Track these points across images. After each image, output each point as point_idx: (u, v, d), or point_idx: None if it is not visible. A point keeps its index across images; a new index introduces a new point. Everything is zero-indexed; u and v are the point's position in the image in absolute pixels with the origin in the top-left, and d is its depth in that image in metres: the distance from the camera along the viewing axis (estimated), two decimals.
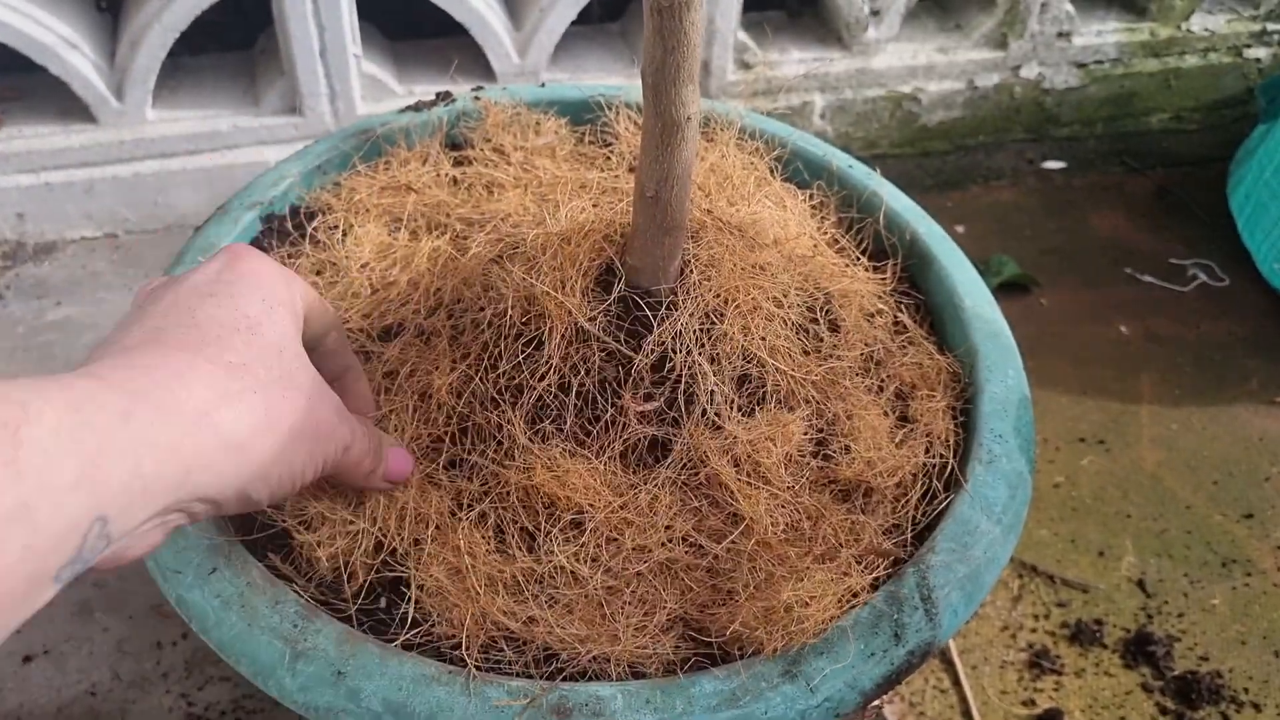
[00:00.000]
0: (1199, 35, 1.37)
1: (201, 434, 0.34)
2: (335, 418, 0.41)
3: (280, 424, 0.37)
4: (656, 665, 0.44)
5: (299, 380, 0.40)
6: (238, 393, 0.36)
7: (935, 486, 0.52)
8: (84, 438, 0.29)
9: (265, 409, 0.37)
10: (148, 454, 0.31)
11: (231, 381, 0.36)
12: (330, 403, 0.42)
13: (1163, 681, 0.80)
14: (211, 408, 0.35)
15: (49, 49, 1.00)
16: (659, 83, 0.43)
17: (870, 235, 0.66)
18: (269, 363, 0.38)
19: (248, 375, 0.37)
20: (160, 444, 0.32)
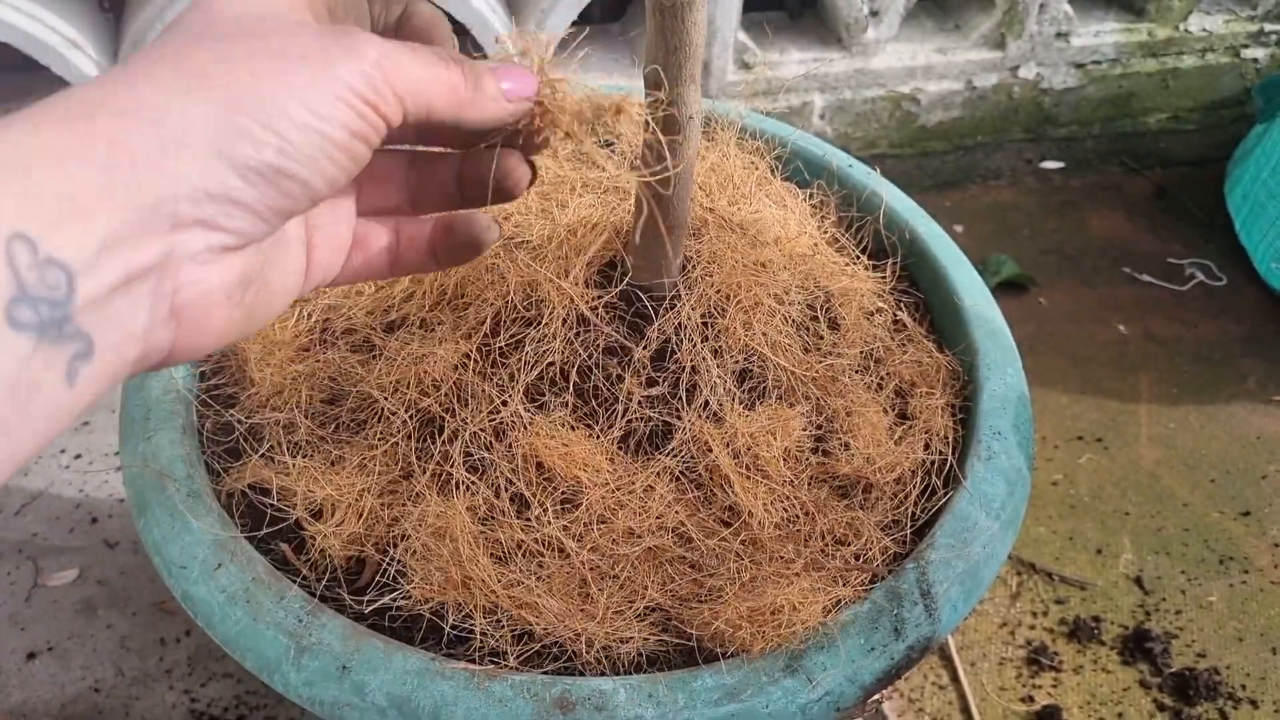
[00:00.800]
0: (1197, 36, 1.38)
1: (93, 125, 0.27)
2: (320, 41, 0.31)
3: (208, 70, 0.29)
4: (630, 652, 0.45)
5: (233, 32, 0.31)
6: (129, 76, 0.29)
7: (934, 483, 0.52)
8: None
9: (174, 66, 0.29)
10: (38, 164, 0.26)
11: (121, 71, 0.29)
12: (307, 30, 0.32)
13: (1160, 678, 0.80)
14: (97, 94, 0.28)
15: (52, 49, 1.01)
16: (660, 83, 0.43)
17: (870, 234, 0.66)
18: (179, 36, 0.31)
19: (142, 59, 0.30)
20: (48, 150, 0.26)
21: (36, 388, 0.25)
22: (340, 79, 0.30)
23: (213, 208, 0.28)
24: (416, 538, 0.47)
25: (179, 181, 0.28)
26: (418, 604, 0.46)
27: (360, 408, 0.52)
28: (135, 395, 0.53)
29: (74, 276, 0.26)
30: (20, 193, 0.25)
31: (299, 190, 0.30)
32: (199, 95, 0.28)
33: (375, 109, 0.31)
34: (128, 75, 0.28)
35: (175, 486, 0.48)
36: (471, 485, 0.48)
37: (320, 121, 0.30)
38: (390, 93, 0.32)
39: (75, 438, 0.93)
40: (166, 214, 0.28)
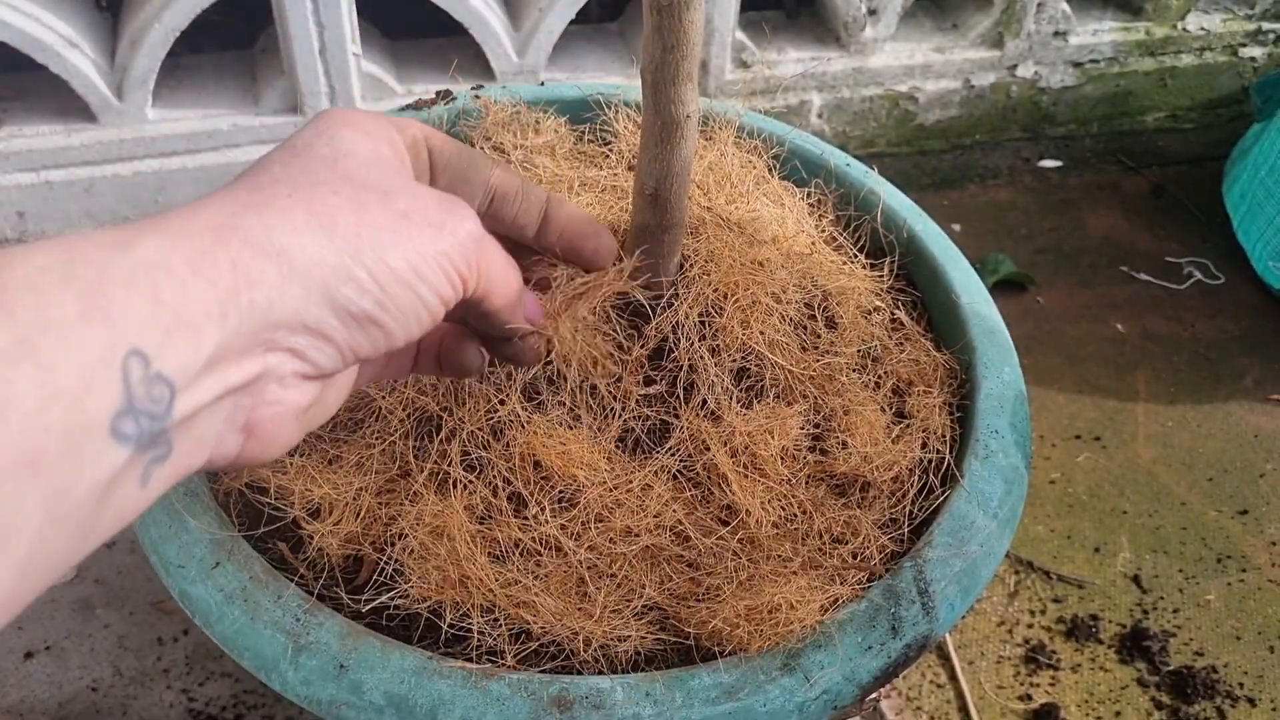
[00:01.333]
0: (1195, 34, 1.38)
1: (224, 248, 0.28)
2: (438, 209, 0.34)
3: (334, 219, 0.31)
4: (628, 651, 0.45)
5: (361, 180, 0.33)
6: (262, 202, 0.30)
7: (932, 481, 0.52)
8: (76, 274, 0.26)
9: (306, 207, 0.31)
10: (164, 279, 0.27)
11: (254, 195, 0.31)
12: (428, 196, 0.34)
13: (1158, 676, 0.80)
14: (227, 219, 0.29)
15: (49, 48, 1.01)
16: (658, 81, 0.43)
17: (867, 233, 0.66)
18: (311, 170, 0.33)
19: (276, 186, 0.31)
20: (175, 266, 0.27)
21: (117, 490, 0.26)
22: (444, 249, 0.33)
23: (307, 340, 0.30)
24: (414, 536, 0.47)
25: (286, 312, 0.29)
26: (415, 603, 0.46)
27: (358, 406, 0.52)
28: None
29: (176, 393, 0.27)
30: (144, 308, 0.26)
31: (382, 339, 0.32)
32: (324, 238, 0.30)
33: (463, 281, 0.34)
34: (261, 202, 0.30)
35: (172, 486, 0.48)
36: (469, 484, 0.48)
37: (419, 282, 0.32)
38: (476, 273, 0.35)
39: None
40: (265, 339, 0.29)
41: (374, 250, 0.31)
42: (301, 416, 0.33)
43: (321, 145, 0.34)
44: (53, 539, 0.25)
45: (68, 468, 0.24)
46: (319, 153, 0.33)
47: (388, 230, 0.32)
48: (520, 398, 0.49)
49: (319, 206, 0.31)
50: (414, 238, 0.32)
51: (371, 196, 0.32)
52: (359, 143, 0.34)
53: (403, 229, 0.32)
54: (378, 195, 0.33)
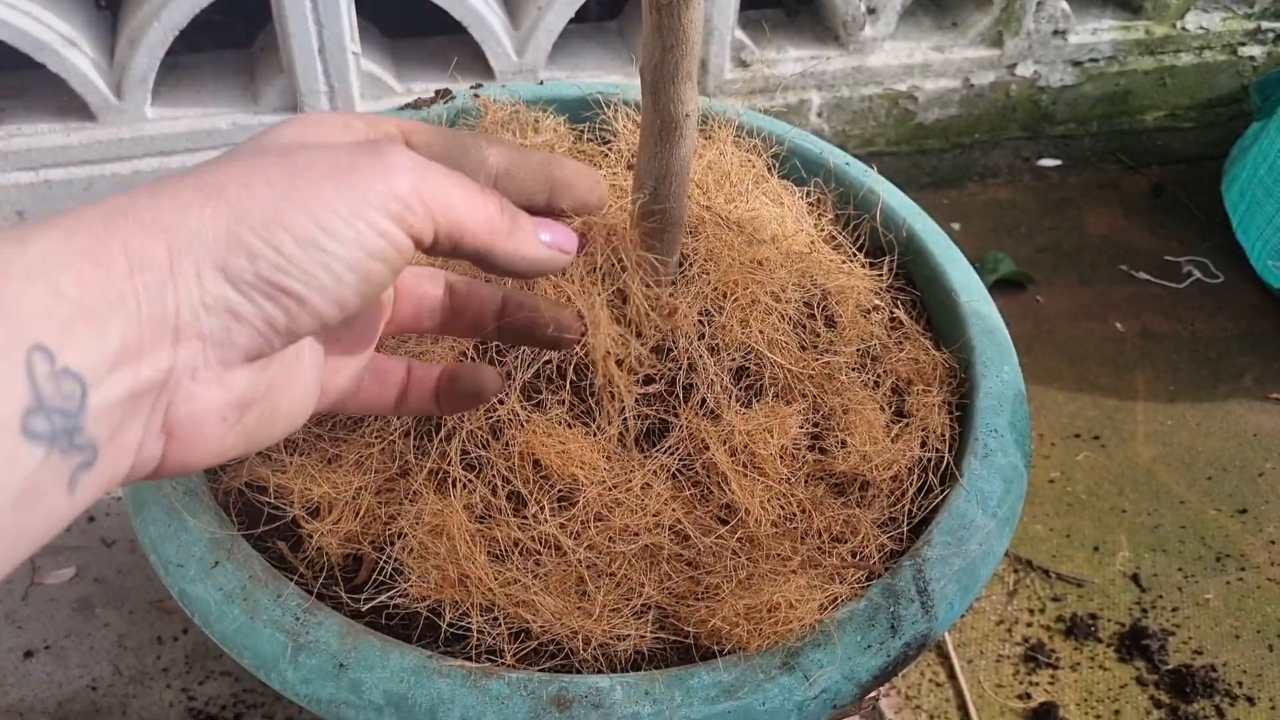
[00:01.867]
0: (1194, 33, 1.38)
1: (115, 233, 0.27)
2: (348, 154, 0.30)
3: (221, 189, 0.28)
4: (627, 650, 0.45)
5: (269, 153, 0.30)
6: (156, 188, 0.28)
7: (931, 480, 0.52)
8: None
9: (194, 183, 0.28)
10: (60, 272, 0.26)
11: (152, 185, 0.29)
12: (338, 147, 0.31)
13: (1157, 675, 0.80)
14: (120, 206, 0.27)
15: (48, 46, 1.01)
16: (657, 80, 0.43)
17: (867, 232, 0.66)
18: (226, 157, 0.30)
19: (179, 175, 0.29)
20: (71, 258, 0.26)
21: (41, 496, 0.25)
22: (363, 193, 0.29)
23: (212, 320, 0.28)
24: (413, 536, 0.47)
25: (182, 293, 0.27)
26: (415, 602, 0.46)
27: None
28: None
29: (87, 388, 0.25)
30: (42, 301, 0.25)
31: (298, 309, 0.29)
32: (209, 208, 0.28)
33: (405, 226, 0.30)
34: (154, 189, 0.28)
35: (172, 484, 0.48)
36: (468, 483, 0.48)
37: (331, 239, 0.29)
38: (422, 209, 0.30)
39: None
40: (170, 327, 0.27)
41: (264, 213, 0.28)
42: (231, 417, 0.30)
43: (261, 138, 0.32)
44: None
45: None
46: (250, 144, 0.31)
47: (281, 186, 0.28)
48: (520, 397, 0.49)
49: (208, 178, 0.28)
50: (317, 188, 0.29)
51: (268, 161, 0.29)
52: (310, 134, 0.32)
53: (301, 182, 0.29)
54: (275, 159, 0.29)
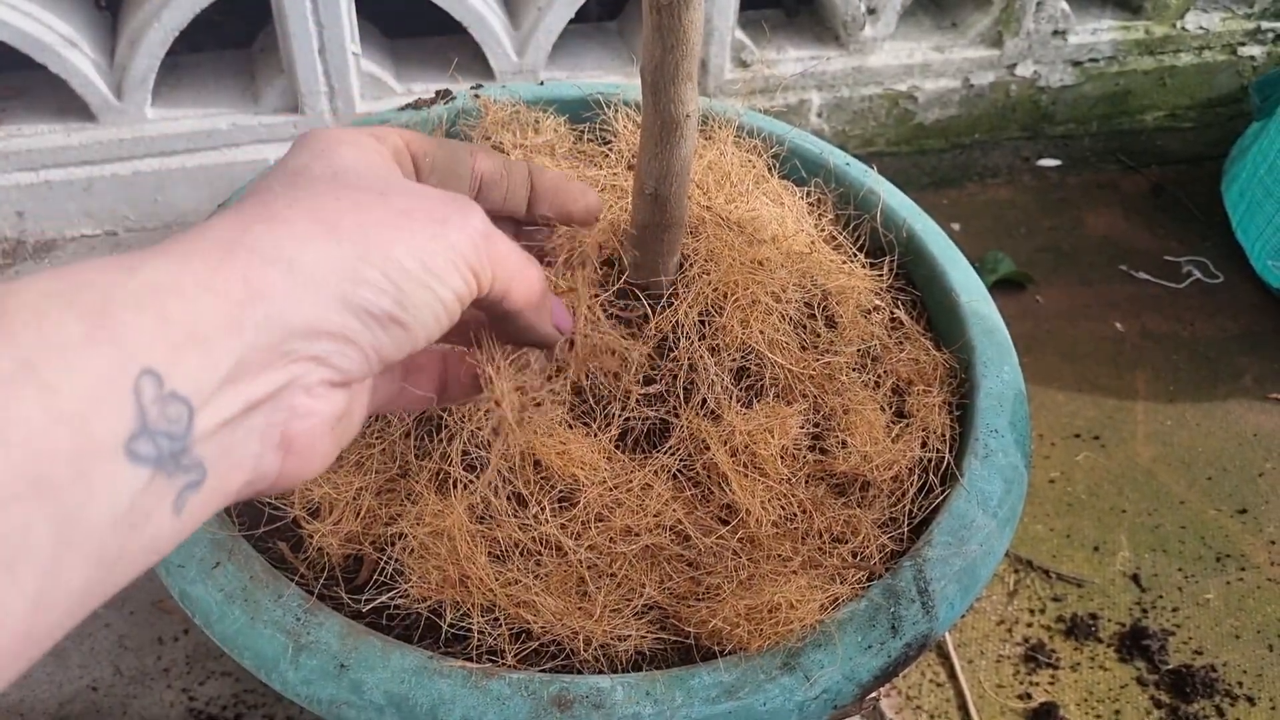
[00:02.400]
0: (1194, 33, 1.38)
1: (233, 261, 0.28)
2: (441, 206, 0.34)
3: (337, 222, 0.31)
4: (628, 650, 0.45)
5: (360, 186, 0.33)
6: (267, 215, 0.30)
7: (931, 481, 0.52)
8: (80, 297, 0.25)
9: (309, 215, 0.31)
10: (172, 298, 0.27)
11: (258, 210, 0.31)
12: (429, 193, 0.34)
13: (1158, 675, 0.80)
14: (234, 235, 0.29)
15: (48, 47, 1.01)
16: (658, 80, 0.43)
17: (867, 232, 0.66)
18: (310, 184, 0.33)
19: (277, 201, 0.32)
20: (184, 285, 0.27)
21: (145, 518, 0.25)
22: (453, 244, 0.33)
23: (329, 345, 0.30)
24: (414, 536, 0.47)
25: (298, 319, 0.29)
26: (415, 603, 0.46)
27: None
28: None
29: (194, 411, 0.26)
30: (154, 328, 0.26)
31: (404, 338, 0.32)
32: (330, 242, 0.30)
33: (475, 278, 0.34)
34: (266, 216, 0.30)
35: None
36: (469, 484, 0.48)
37: (432, 279, 0.32)
38: (489, 269, 0.34)
39: None
40: (284, 350, 0.29)
41: (381, 249, 0.31)
42: (337, 429, 0.32)
43: (316, 164, 0.34)
44: (70, 568, 0.24)
45: (79, 491, 0.24)
46: (315, 171, 0.34)
47: (391, 228, 0.32)
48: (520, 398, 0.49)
49: (321, 213, 0.31)
50: (418, 234, 0.32)
51: (371, 198, 0.33)
52: (350, 155, 0.35)
53: (406, 226, 0.32)
54: (376, 196, 0.33)
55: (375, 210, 0.32)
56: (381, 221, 0.32)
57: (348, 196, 0.32)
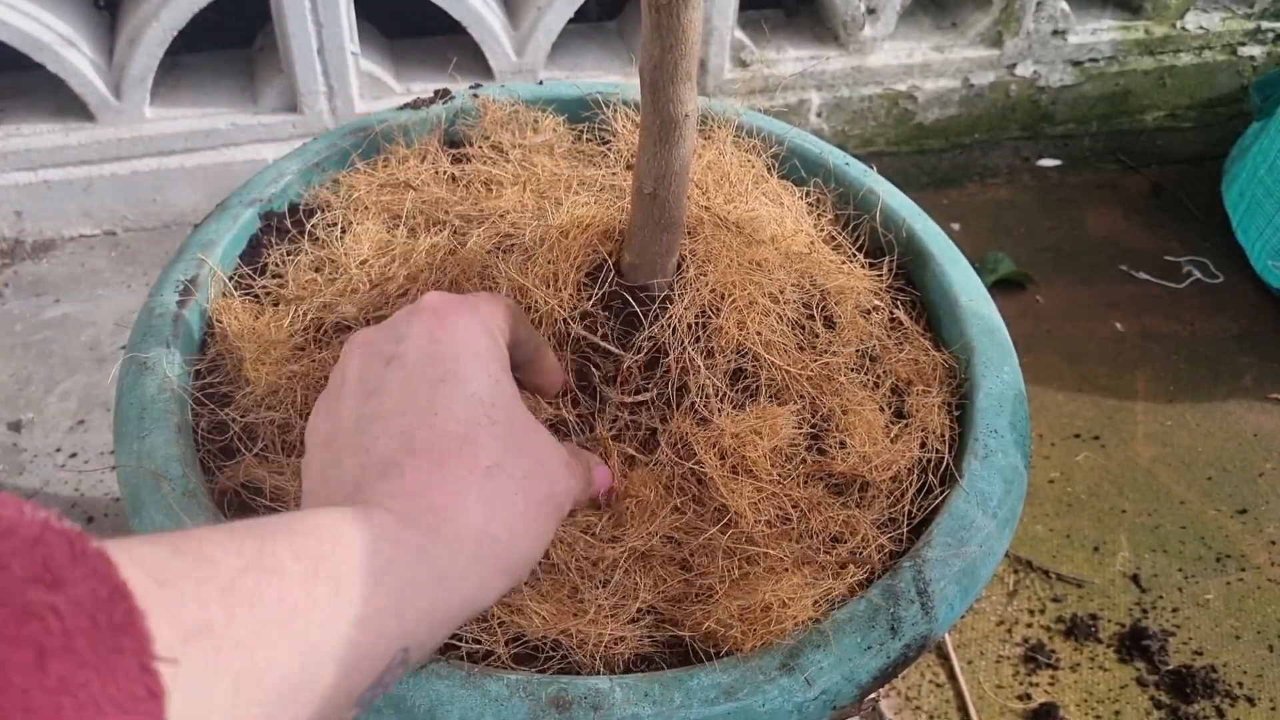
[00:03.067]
0: (1194, 33, 1.38)
1: (482, 558, 0.35)
2: (565, 473, 0.40)
3: (534, 511, 0.37)
4: (625, 654, 0.45)
5: (537, 452, 0.39)
6: (503, 499, 0.36)
7: (931, 481, 0.52)
8: (388, 576, 0.31)
9: (523, 504, 0.37)
10: (441, 587, 0.33)
11: (494, 488, 0.36)
12: (558, 456, 0.40)
13: (1157, 676, 0.80)
14: (485, 524, 0.35)
15: (47, 46, 1.01)
16: (657, 80, 0.43)
17: (866, 232, 0.66)
18: (514, 449, 0.38)
19: (504, 476, 0.37)
20: (450, 575, 0.33)
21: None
22: (562, 509, 0.40)
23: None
24: None
25: (484, 600, 0.35)
26: None
27: None
28: (130, 394, 0.53)
29: (409, 668, 0.32)
30: (421, 608, 0.32)
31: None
32: (500, 571, 0.36)
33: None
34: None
35: (170, 486, 0.48)
36: None
37: (543, 544, 0.39)
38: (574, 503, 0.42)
39: (70, 436, 0.93)
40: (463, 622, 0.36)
41: (542, 536, 0.38)
42: None
43: (435, 371, 0.39)
44: None
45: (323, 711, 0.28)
46: (465, 409, 0.38)
47: (553, 509, 0.39)
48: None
49: (524, 497, 0.37)
50: (557, 509, 0.39)
51: (540, 478, 0.39)
52: (478, 381, 0.39)
53: (556, 508, 0.39)
54: (540, 474, 0.39)
55: (548, 491, 0.39)
56: (549, 507, 0.39)
57: (538, 474, 0.38)
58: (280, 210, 0.66)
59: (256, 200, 0.65)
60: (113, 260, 1.11)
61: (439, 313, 0.40)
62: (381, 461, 0.36)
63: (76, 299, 1.06)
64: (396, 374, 0.39)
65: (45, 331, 1.02)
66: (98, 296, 1.06)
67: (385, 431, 0.37)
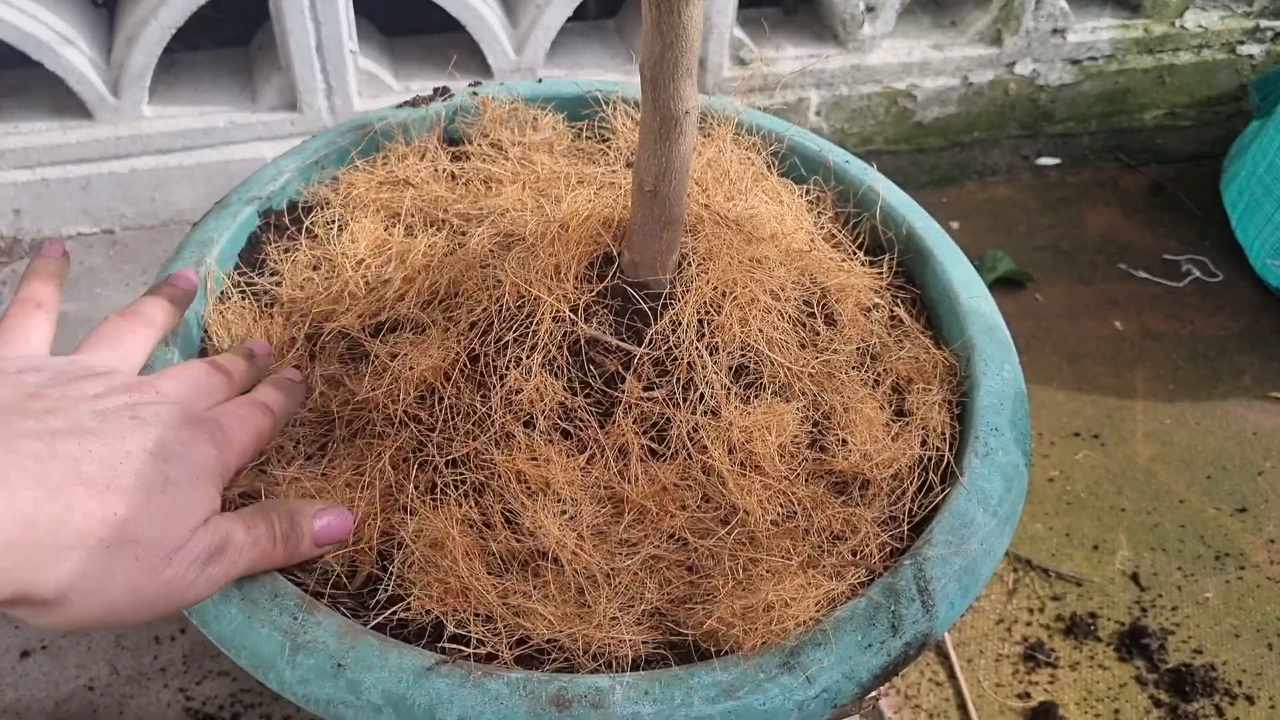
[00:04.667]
0: (1193, 32, 1.38)
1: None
2: (174, 525, 0.39)
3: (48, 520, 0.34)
4: (627, 654, 0.44)
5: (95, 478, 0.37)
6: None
7: (931, 479, 0.52)
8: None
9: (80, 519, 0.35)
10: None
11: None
12: (166, 504, 0.39)
13: (1157, 674, 0.80)
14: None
15: (45, 44, 1.00)
16: (657, 77, 0.43)
17: (867, 230, 0.66)
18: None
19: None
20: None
21: None
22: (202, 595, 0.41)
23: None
24: (415, 549, 0.47)
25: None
26: (418, 615, 0.45)
27: (352, 420, 0.52)
28: None
29: None
30: None
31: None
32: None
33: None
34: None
35: None
36: (460, 500, 0.48)
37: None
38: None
39: None
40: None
41: (91, 572, 0.37)
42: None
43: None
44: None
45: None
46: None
47: (108, 552, 0.38)
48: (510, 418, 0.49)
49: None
50: (136, 561, 0.39)
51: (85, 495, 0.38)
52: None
53: (130, 558, 0.39)
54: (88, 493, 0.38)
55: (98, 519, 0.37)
56: (95, 538, 0.37)
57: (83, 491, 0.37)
58: (279, 208, 0.66)
59: (255, 198, 0.65)
60: (111, 259, 1.10)
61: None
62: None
63: (75, 297, 1.05)
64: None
65: None
66: (96, 295, 1.06)
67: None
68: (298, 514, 0.45)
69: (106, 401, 0.41)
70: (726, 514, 0.48)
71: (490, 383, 0.49)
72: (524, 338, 0.50)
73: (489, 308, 0.51)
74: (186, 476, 0.40)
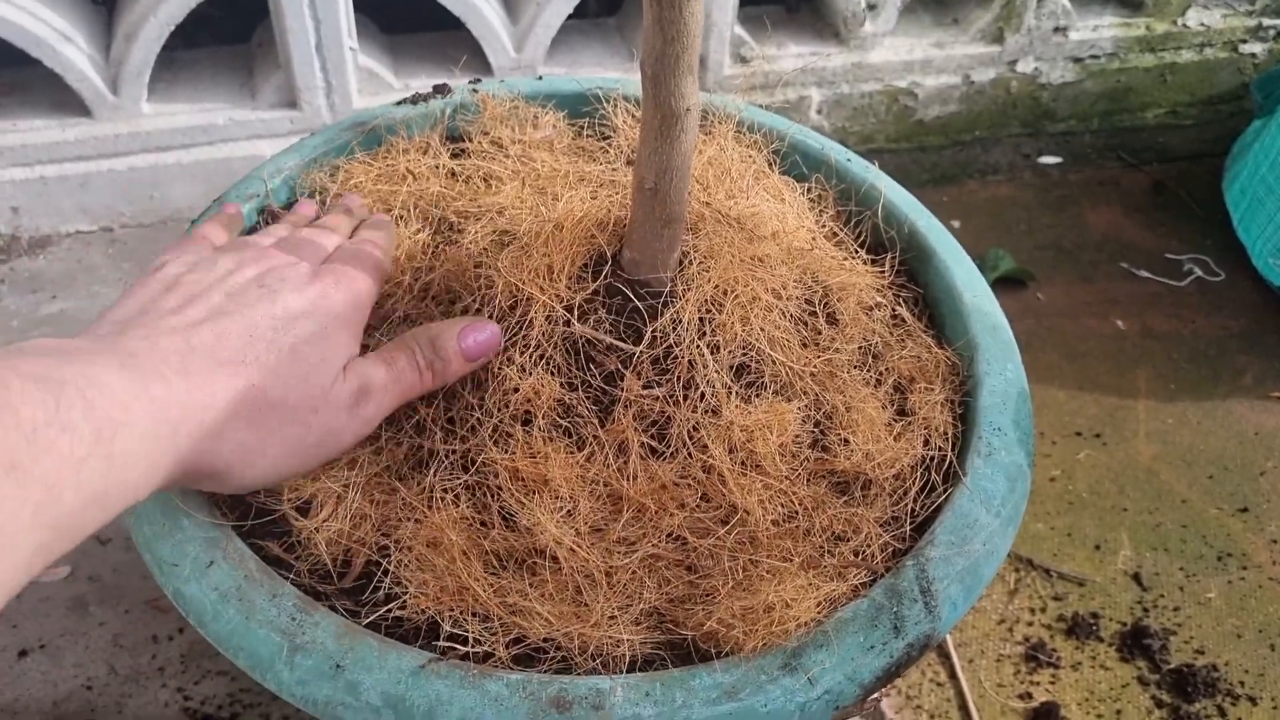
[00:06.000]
0: (1195, 30, 1.38)
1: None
2: (321, 390, 0.43)
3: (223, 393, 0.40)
4: (625, 655, 0.44)
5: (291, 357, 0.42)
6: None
7: (934, 479, 0.52)
8: (164, 437, 0.37)
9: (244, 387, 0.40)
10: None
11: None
12: (309, 374, 0.43)
13: (1159, 674, 0.80)
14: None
15: (43, 42, 1.00)
16: (658, 74, 0.43)
17: (868, 229, 0.66)
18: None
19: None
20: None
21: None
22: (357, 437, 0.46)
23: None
24: (409, 546, 0.46)
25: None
26: (414, 614, 0.45)
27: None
28: None
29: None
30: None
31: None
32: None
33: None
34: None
35: None
36: (456, 499, 0.48)
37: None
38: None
39: None
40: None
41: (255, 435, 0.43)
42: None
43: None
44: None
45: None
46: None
47: (271, 416, 0.43)
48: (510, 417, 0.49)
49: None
50: (297, 420, 0.44)
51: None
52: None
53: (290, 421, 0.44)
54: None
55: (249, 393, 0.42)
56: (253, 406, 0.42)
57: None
58: (277, 205, 0.66)
59: (254, 195, 0.64)
60: (109, 257, 1.10)
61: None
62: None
63: (73, 296, 1.05)
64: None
65: (42, 328, 1.01)
66: (95, 293, 1.06)
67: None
68: (439, 338, 0.46)
69: (237, 277, 0.45)
70: (727, 513, 0.48)
71: (487, 381, 0.49)
72: (518, 336, 0.49)
73: (483, 306, 0.51)
74: (316, 332, 0.43)
